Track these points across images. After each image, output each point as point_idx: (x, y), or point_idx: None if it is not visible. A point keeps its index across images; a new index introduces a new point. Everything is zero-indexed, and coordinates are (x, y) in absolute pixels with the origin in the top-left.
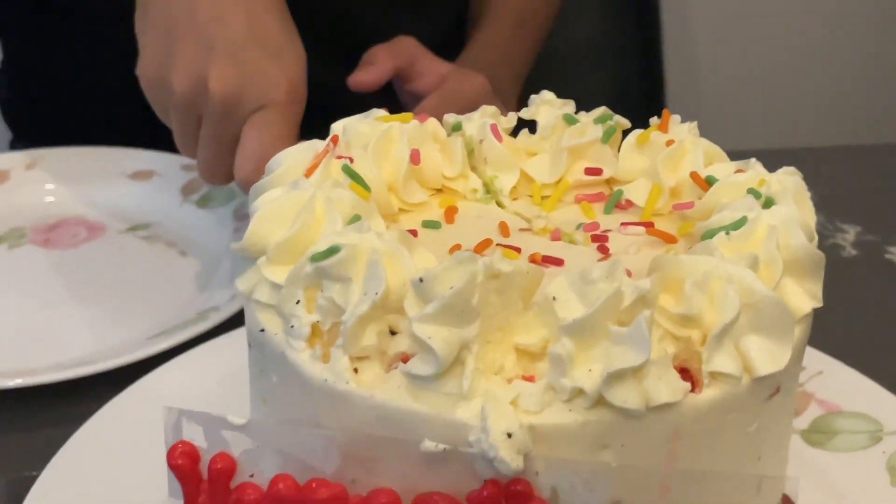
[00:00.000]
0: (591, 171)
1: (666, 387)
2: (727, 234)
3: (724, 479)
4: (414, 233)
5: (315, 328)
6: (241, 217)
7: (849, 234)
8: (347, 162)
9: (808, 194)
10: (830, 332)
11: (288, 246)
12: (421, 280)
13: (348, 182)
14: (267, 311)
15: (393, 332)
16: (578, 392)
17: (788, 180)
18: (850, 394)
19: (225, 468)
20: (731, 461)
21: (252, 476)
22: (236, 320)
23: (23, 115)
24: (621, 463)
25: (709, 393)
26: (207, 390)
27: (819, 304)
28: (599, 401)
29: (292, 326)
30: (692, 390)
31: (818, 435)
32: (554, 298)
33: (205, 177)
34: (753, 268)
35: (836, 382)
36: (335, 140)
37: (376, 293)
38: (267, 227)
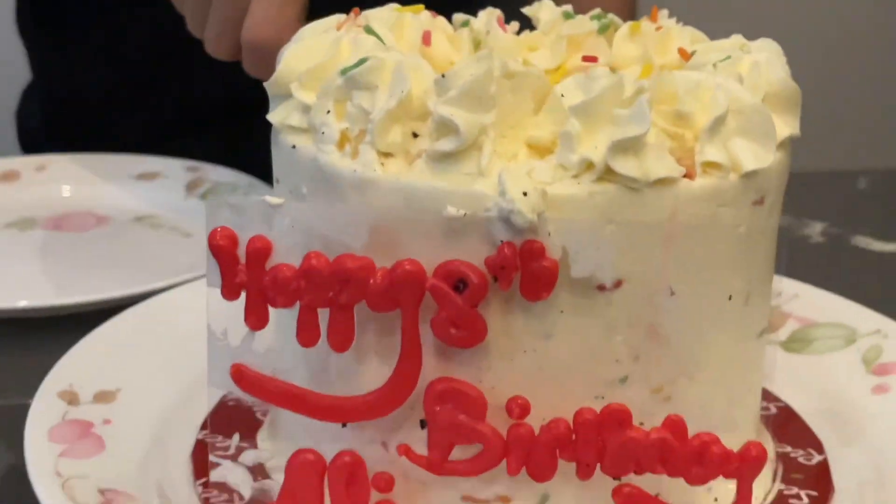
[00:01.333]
0: (587, 59)
1: (663, 164)
2: (714, 66)
3: (716, 278)
4: None
5: (343, 135)
6: None
7: (816, 228)
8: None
9: (784, 59)
10: None
11: (318, 71)
12: (443, 76)
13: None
14: (297, 133)
15: (415, 135)
16: (587, 165)
17: (768, 43)
18: (825, 310)
19: (262, 248)
20: (722, 263)
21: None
22: None
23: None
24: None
25: (701, 181)
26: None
27: (797, 135)
28: (605, 175)
29: (323, 133)
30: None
31: (796, 343)
32: (562, 95)
33: (211, 50)
34: (739, 83)
35: (812, 302)
36: (356, 11)
37: (402, 91)
38: (296, 62)
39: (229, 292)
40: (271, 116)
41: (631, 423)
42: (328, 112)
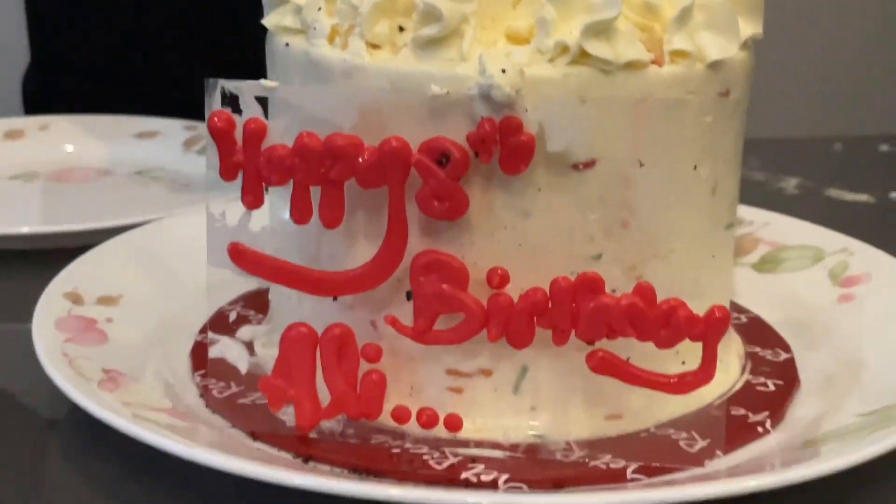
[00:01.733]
0: None
1: (633, 49)
2: None
3: (683, 158)
4: None
5: (334, 30)
6: None
7: (791, 182)
8: None
9: None
10: None
11: None
12: None
13: None
14: (291, 34)
15: (401, 29)
16: (561, 49)
17: None
18: (794, 234)
19: (257, 129)
20: (689, 146)
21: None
22: None
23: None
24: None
25: (670, 68)
26: None
27: (759, 35)
28: (578, 58)
29: (315, 29)
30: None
31: (767, 265)
32: None
33: None
34: None
35: (782, 228)
36: None
37: None
38: None
39: (227, 173)
40: (266, 21)
41: (603, 290)
42: (319, 9)
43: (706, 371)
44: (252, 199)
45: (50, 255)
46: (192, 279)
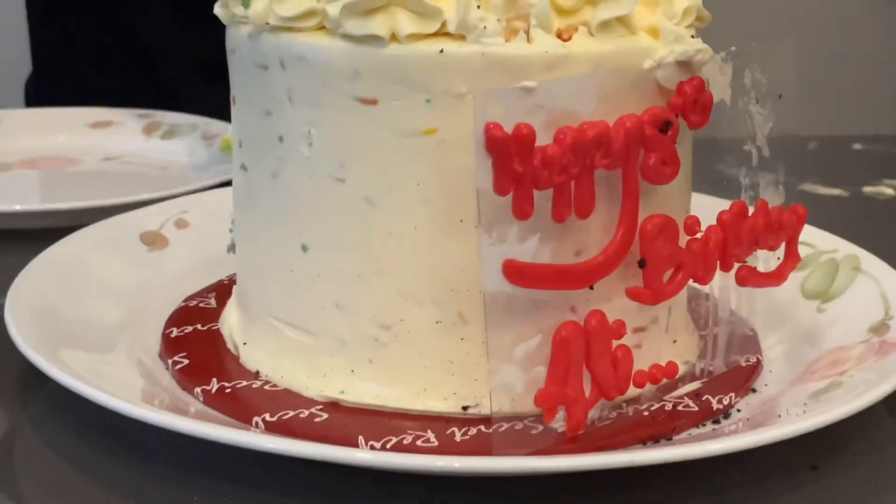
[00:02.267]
0: None
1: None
2: None
3: None
4: None
5: (510, 27)
6: (210, 137)
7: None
8: None
9: None
10: None
11: None
12: None
13: None
14: (435, 41)
15: None
16: (685, 13)
17: None
18: None
19: (528, 133)
20: None
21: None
22: None
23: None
24: None
25: None
26: None
27: None
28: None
29: (485, 28)
30: None
31: None
32: None
33: None
34: None
35: None
36: None
37: None
38: None
39: (503, 186)
40: (356, 27)
41: (747, 214)
42: (478, 7)
43: (794, 257)
44: (527, 209)
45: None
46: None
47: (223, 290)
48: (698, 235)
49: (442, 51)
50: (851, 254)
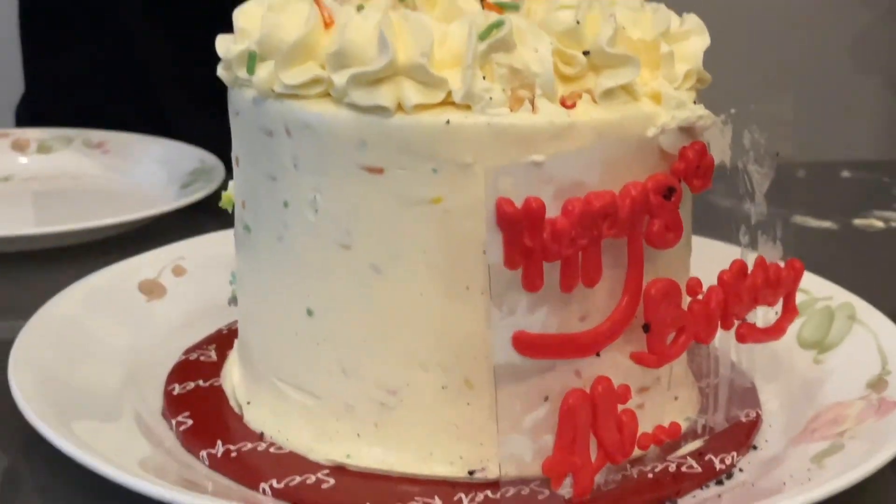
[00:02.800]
0: None
1: None
2: None
3: None
4: None
5: (515, 97)
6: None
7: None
8: None
9: None
10: None
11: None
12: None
13: None
14: (444, 110)
15: None
16: (686, 75)
17: None
18: None
19: (538, 208)
20: None
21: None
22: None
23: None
24: None
25: None
26: None
27: None
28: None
29: (490, 99)
30: None
31: None
32: None
33: None
34: None
35: None
36: None
37: (550, 44)
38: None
39: (513, 260)
40: (362, 98)
41: (746, 273)
42: (483, 78)
43: (791, 311)
44: (537, 282)
45: None
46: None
47: (223, 341)
48: (699, 296)
49: (448, 122)
50: (846, 302)
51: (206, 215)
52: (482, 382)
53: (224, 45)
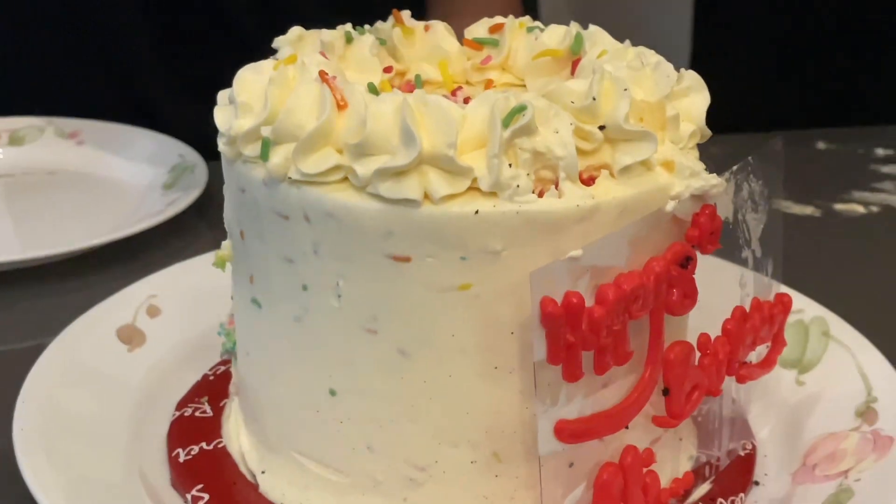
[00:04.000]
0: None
1: None
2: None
3: None
4: None
5: (541, 182)
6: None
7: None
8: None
9: None
10: None
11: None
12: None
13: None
14: (467, 201)
15: None
16: (692, 135)
17: None
18: None
19: (577, 303)
20: None
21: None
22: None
23: None
24: None
25: None
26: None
27: None
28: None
29: (518, 186)
30: None
31: None
32: None
33: None
34: None
35: None
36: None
37: (570, 125)
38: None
39: (557, 356)
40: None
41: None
42: (510, 165)
43: (781, 343)
44: (577, 373)
45: None
46: None
47: (213, 390)
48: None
49: (477, 212)
50: (819, 316)
51: (189, 218)
52: (511, 455)
53: (225, 119)
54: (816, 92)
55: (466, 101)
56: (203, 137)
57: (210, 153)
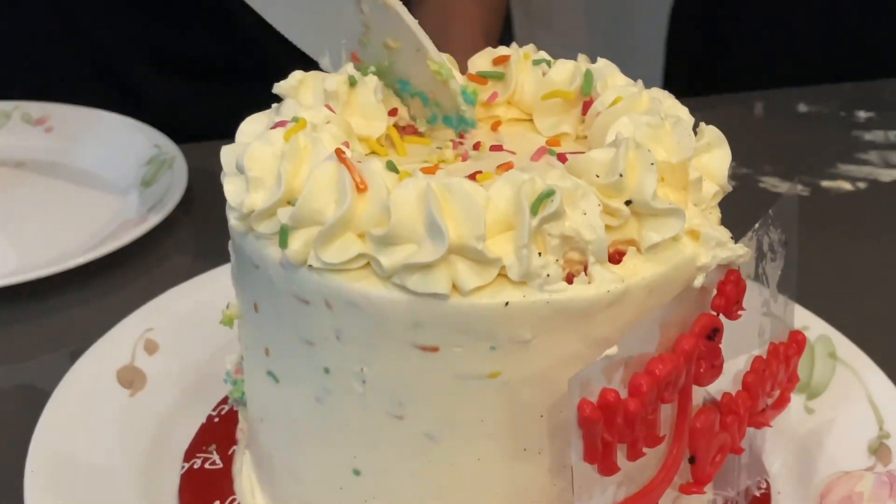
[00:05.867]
0: None
1: None
2: None
3: None
4: None
5: (570, 267)
6: None
7: None
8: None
9: None
10: None
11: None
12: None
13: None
14: (499, 290)
15: None
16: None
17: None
18: None
19: (613, 401)
20: None
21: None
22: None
23: None
24: None
25: None
26: None
27: None
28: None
29: (548, 276)
30: None
31: None
32: None
33: None
34: None
35: None
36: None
37: (598, 205)
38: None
39: (594, 455)
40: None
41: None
42: (539, 255)
43: (794, 378)
44: (613, 468)
45: None
46: None
47: (218, 435)
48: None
49: (507, 304)
50: (824, 335)
51: (171, 221)
52: None
53: (236, 193)
54: (798, 48)
55: (473, 177)
56: (182, 117)
57: (187, 135)
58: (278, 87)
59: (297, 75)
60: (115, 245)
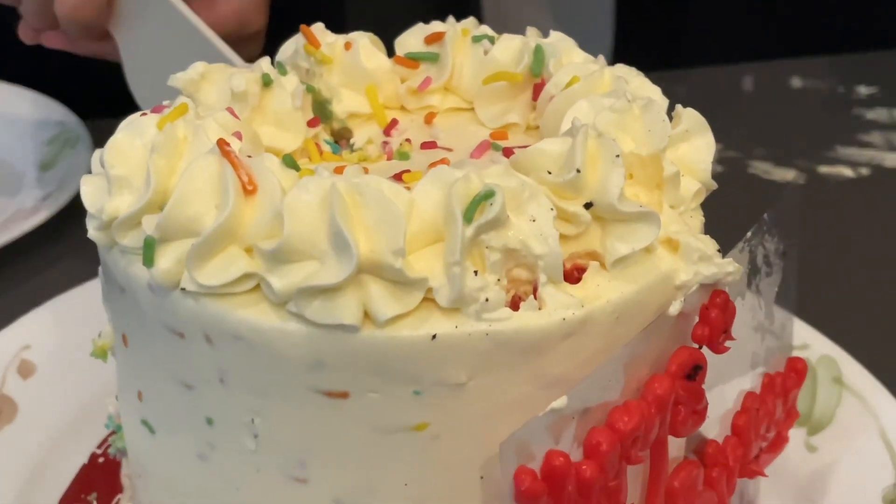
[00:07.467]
0: None
1: None
2: None
3: None
4: None
5: (514, 294)
6: None
7: None
8: None
9: None
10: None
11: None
12: None
13: None
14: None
15: None
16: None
17: None
18: None
19: (561, 465)
20: None
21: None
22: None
23: None
24: None
25: None
26: None
27: None
28: None
29: (486, 300)
30: None
31: None
32: None
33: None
34: None
35: None
36: None
37: (552, 210)
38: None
39: None
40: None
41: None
42: (476, 273)
43: (794, 414)
44: None
45: None
46: None
47: (99, 482)
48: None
49: (435, 336)
50: (827, 355)
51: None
52: None
53: (95, 198)
54: (787, 20)
55: (399, 176)
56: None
57: (97, 108)
58: (174, 81)
59: (198, 67)
60: None
